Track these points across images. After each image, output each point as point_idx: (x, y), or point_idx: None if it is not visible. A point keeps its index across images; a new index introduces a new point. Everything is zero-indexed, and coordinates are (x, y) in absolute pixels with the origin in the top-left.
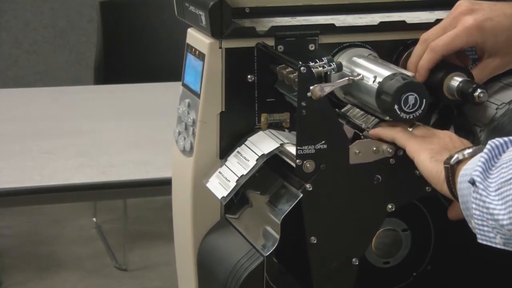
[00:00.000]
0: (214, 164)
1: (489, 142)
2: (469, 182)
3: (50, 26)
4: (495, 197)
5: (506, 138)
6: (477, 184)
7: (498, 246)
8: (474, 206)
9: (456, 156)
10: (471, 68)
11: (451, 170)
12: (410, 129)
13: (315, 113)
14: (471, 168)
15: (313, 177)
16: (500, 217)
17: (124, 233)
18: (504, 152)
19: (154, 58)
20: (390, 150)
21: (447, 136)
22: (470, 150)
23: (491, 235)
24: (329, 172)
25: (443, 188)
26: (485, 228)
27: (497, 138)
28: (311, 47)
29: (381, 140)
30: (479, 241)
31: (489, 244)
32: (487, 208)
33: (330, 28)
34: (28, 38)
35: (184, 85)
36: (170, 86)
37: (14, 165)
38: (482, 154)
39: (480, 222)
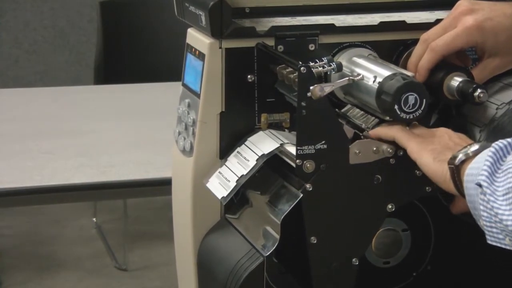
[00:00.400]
0: (214, 164)
1: (493, 144)
2: (476, 184)
3: (50, 26)
4: (503, 202)
5: (510, 140)
6: (484, 188)
7: (508, 248)
8: (482, 207)
9: (460, 156)
10: (471, 68)
11: (457, 170)
12: (408, 128)
13: (315, 113)
14: (476, 168)
15: (313, 177)
16: (509, 222)
17: (124, 233)
18: (509, 153)
19: (154, 58)
20: (390, 150)
21: (445, 134)
22: (474, 148)
23: (500, 236)
24: (329, 172)
25: (450, 187)
26: (494, 230)
27: (501, 140)
28: (311, 47)
29: (381, 140)
30: (489, 241)
31: (498, 245)
32: (496, 213)
33: (330, 28)
34: (28, 38)
35: (184, 85)
36: (170, 86)
37: (14, 165)
38: (487, 157)
39: (488, 224)
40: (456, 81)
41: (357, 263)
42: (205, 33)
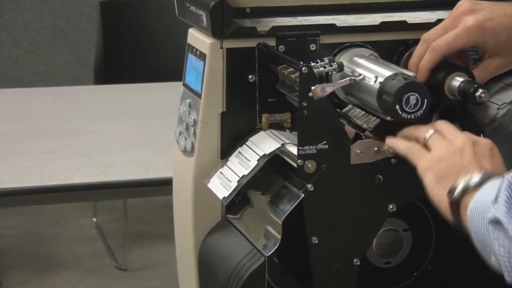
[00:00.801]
0: (215, 164)
1: (506, 178)
2: (491, 221)
3: (50, 26)
4: None
5: None
6: (504, 225)
7: None
8: (497, 243)
9: (459, 187)
10: (472, 68)
11: (456, 203)
12: (431, 131)
13: (316, 113)
14: (482, 202)
15: (315, 177)
16: None
17: (124, 233)
18: None
19: (154, 58)
20: (392, 150)
21: (459, 150)
22: (475, 180)
23: None
24: (331, 172)
25: (447, 215)
26: None
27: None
28: (312, 47)
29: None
30: (508, 279)
31: None
32: None
33: (331, 28)
34: (28, 38)
35: (185, 85)
36: (170, 86)
37: (14, 165)
38: (504, 191)
39: (507, 260)
40: (457, 81)
41: (358, 263)
42: (206, 33)
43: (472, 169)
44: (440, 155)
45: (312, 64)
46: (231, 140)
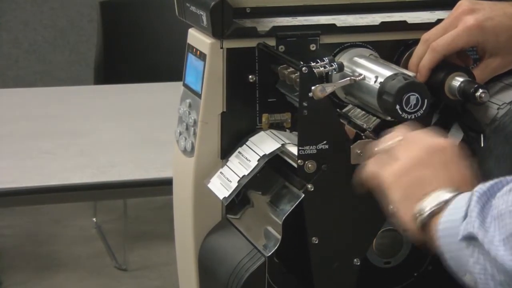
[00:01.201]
0: (215, 164)
1: (474, 191)
2: (464, 238)
3: (50, 26)
4: (507, 251)
5: (492, 182)
6: (479, 239)
7: None
8: (472, 260)
9: (427, 209)
10: (472, 68)
11: (424, 225)
12: (396, 139)
13: (316, 113)
14: (453, 221)
15: (315, 177)
16: None
17: (124, 233)
18: (492, 198)
19: (154, 58)
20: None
21: (423, 161)
22: (443, 199)
23: None
24: (331, 172)
25: (416, 235)
26: (491, 283)
27: (480, 185)
28: (312, 47)
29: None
30: None
31: None
32: (500, 262)
33: (331, 28)
34: (28, 38)
35: (185, 85)
36: (170, 86)
37: (14, 165)
38: (472, 203)
39: (483, 277)
40: (458, 81)
41: (358, 263)
42: (206, 33)
43: (437, 185)
44: (404, 167)
45: (312, 64)
46: (231, 140)
